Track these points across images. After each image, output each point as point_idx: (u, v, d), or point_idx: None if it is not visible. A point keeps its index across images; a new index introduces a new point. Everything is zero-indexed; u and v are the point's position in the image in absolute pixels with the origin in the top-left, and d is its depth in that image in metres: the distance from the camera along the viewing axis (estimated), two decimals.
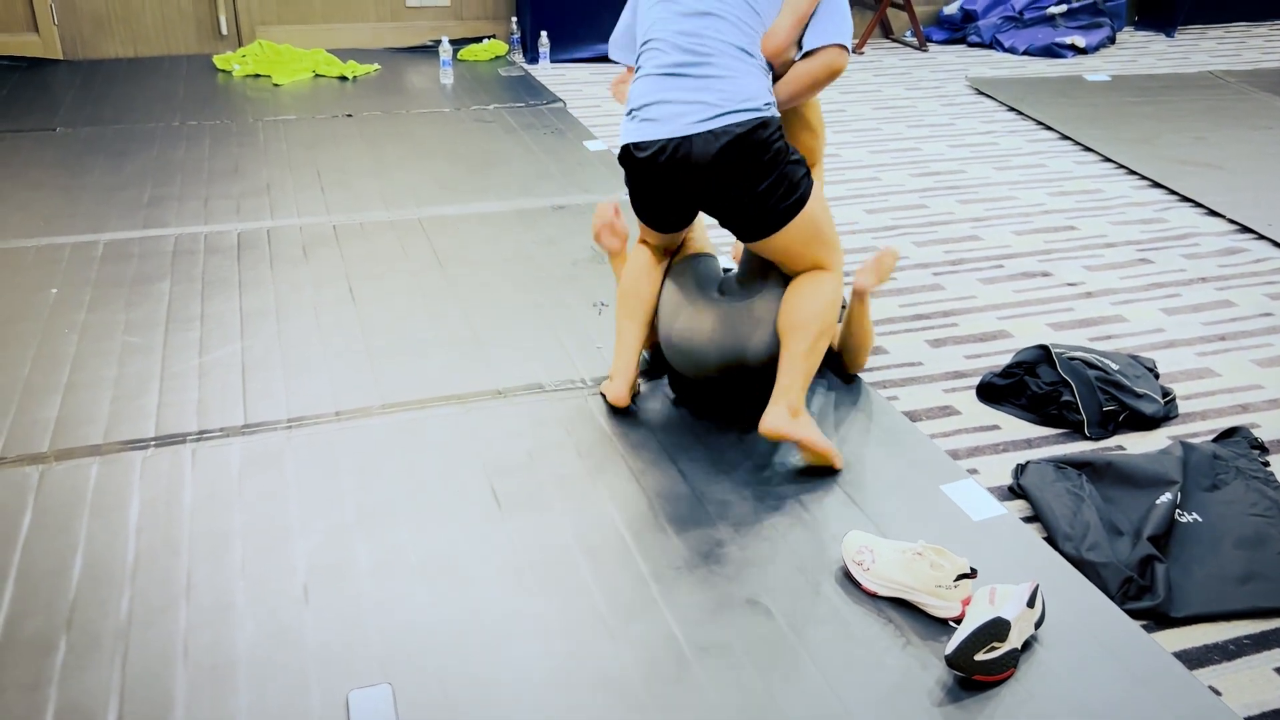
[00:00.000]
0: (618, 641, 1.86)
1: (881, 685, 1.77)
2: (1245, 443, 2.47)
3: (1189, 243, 3.77)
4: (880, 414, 2.58)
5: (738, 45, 2.26)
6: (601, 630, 1.88)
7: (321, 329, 2.95)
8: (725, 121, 2.19)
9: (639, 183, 2.40)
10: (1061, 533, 2.16)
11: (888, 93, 5.71)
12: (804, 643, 1.86)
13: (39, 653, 1.82)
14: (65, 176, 4.06)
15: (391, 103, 5.17)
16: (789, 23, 2.28)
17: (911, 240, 3.76)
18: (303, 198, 3.89)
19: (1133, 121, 5.13)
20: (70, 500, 2.21)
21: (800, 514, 2.20)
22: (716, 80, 2.23)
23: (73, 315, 2.99)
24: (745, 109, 2.20)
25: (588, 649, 1.84)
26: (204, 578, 2.01)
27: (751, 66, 2.27)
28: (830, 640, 1.87)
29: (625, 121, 2.35)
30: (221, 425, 2.48)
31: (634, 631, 1.88)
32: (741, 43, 2.27)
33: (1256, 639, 1.94)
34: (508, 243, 3.53)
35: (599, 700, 1.73)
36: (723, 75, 2.23)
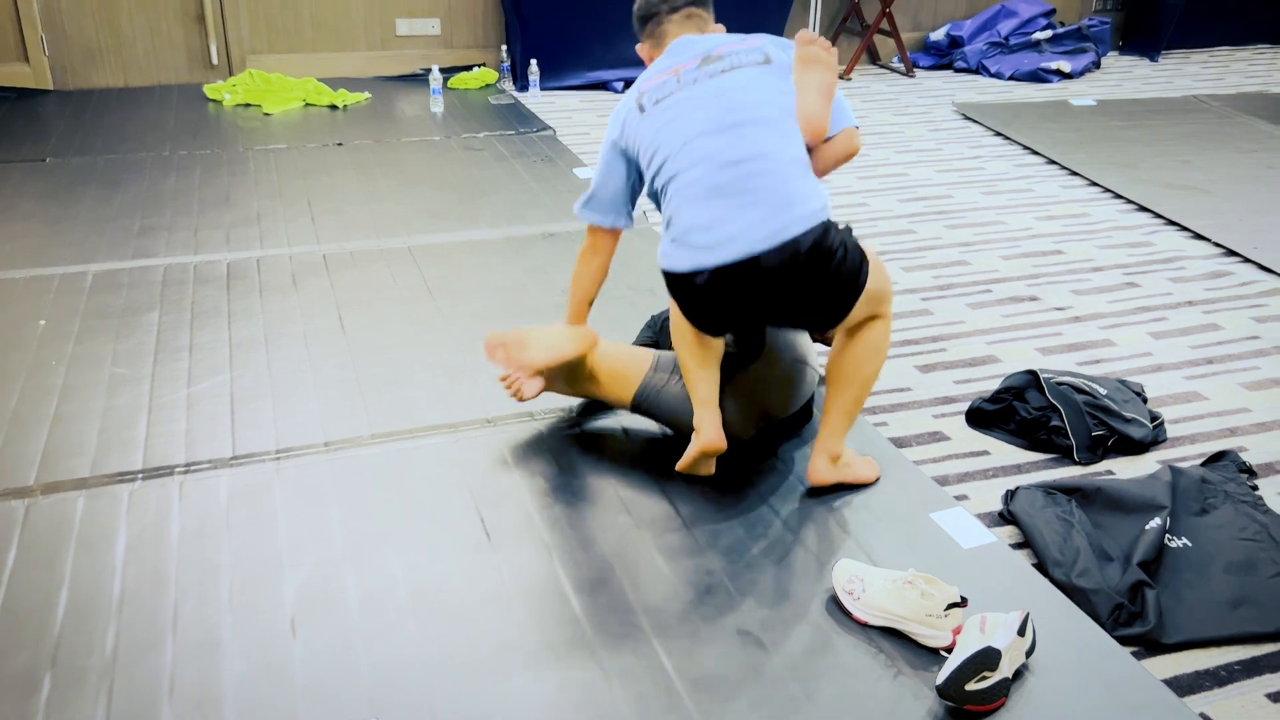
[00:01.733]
0: (608, 673, 1.85)
1: (873, 715, 1.76)
2: (1234, 466, 2.47)
3: (1175, 266, 3.79)
4: (869, 440, 2.58)
5: (781, 146, 2.17)
6: (591, 662, 1.87)
7: (311, 358, 2.95)
8: (793, 233, 2.06)
9: (694, 304, 2.21)
10: (1051, 559, 2.16)
11: (875, 118, 5.75)
12: (795, 673, 1.85)
13: (24, 690, 1.81)
14: (55, 207, 4.06)
15: (382, 131, 5.19)
16: (822, 102, 2.24)
17: (900, 265, 3.77)
18: (293, 227, 3.90)
19: (1119, 145, 5.18)
20: (56, 534, 2.20)
21: (790, 543, 2.20)
22: (772, 191, 2.10)
23: (61, 346, 2.98)
24: (808, 215, 2.09)
25: (577, 681, 1.83)
26: (191, 612, 1.99)
27: (799, 166, 2.17)
28: (821, 670, 1.86)
29: (669, 246, 2.18)
30: (210, 457, 2.47)
31: (624, 663, 1.87)
32: (784, 143, 2.17)
33: (1247, 665, 1.94)
34: (498, 271, 3.54)
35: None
36: (776, 185, 2.11)
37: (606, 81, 6.16)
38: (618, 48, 6.09)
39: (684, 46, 2.34)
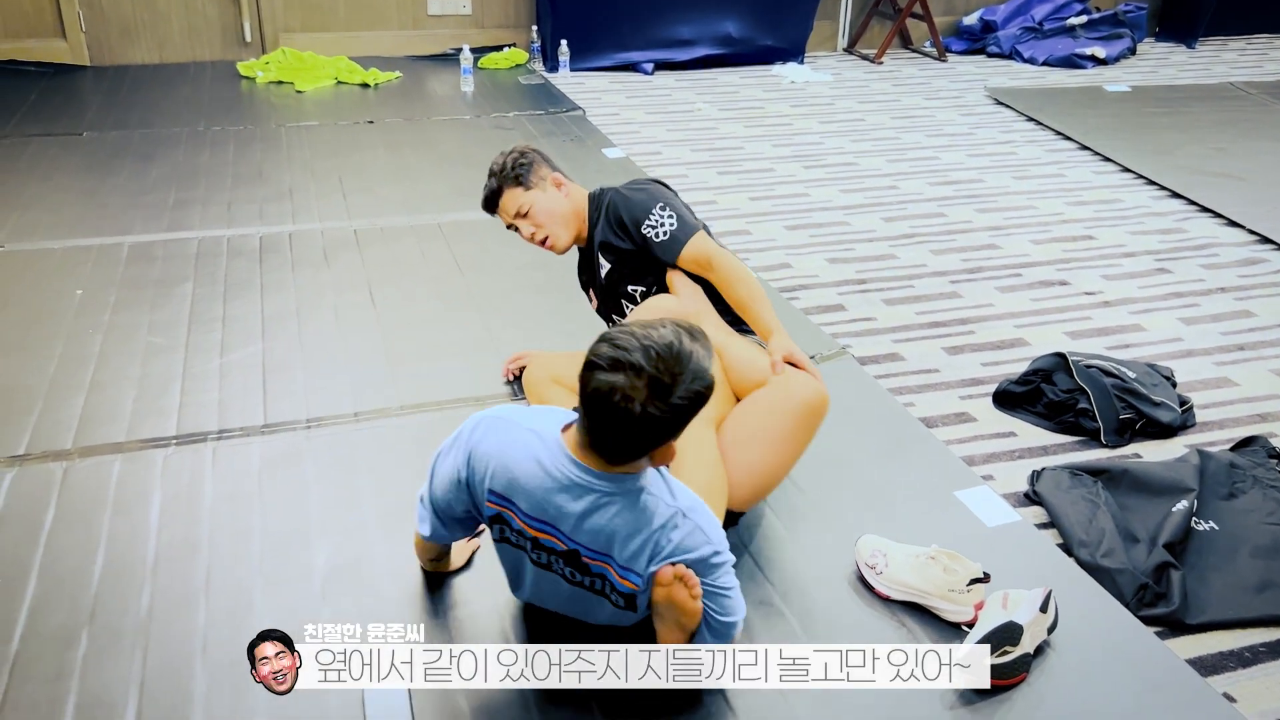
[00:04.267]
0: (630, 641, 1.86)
1: (894, 688, 1.77)
2: (1263, 452, 2.46)
3: (1208, 253, 3.76)
4: (896, 420, 2.58)
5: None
6: (616, 629, 1.89)
7: (341, 332, 2.98)
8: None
9: None
10: (1076, 539, 2.16)
11: (906, 102, 5.72)
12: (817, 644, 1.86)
13: (61, 646, 1.85)
14: (91, 180, 4.11)
15: (412, 110, 5.21)
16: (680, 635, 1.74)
17: (929, 248, 3.76)
18: (324, 203, 3.93)
19: (1153, 132, 5.12)
20: (93, 497, 2.25)
21: (814, 517, 2.21)
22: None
23: (97, 316, 3.03)
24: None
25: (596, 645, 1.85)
26: (223, 575, 2.03)
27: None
28: (843, 642, 1.86)
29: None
30: (242, 425, 2.51)
31: (648, 632, 1.89)
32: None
33: (1272, 647, 1.93)
34: (526, 249, 3.53)
35: (612, 701, 1.73)
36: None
37: (636, 63, 6.15)
38: (647, 29, 6.09)
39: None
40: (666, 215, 2.29)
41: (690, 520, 1.65)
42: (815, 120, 5.37)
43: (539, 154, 2.41)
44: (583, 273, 2.57)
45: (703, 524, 1.66)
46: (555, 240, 2.39)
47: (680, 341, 1.55)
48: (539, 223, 2.37)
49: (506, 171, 2.36)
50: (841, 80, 6.18)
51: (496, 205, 2.40)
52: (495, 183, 2.38)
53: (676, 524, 1.64)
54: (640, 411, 1.51)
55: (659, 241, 2.28)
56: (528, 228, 2.38)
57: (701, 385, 1.55)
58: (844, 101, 5.73)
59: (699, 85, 5.98)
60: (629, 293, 2.41)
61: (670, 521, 1.64)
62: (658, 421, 1.53)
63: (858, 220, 4.03)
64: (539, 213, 2.36)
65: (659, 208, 2.29)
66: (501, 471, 1.69)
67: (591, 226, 2.42)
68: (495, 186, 2.38)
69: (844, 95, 5.85)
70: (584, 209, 2.42)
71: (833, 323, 3.19)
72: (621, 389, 1.51)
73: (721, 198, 4.25)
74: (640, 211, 2.30)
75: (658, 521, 1.64)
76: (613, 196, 2.38)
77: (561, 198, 2.39)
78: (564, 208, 2.39)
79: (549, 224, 2.38)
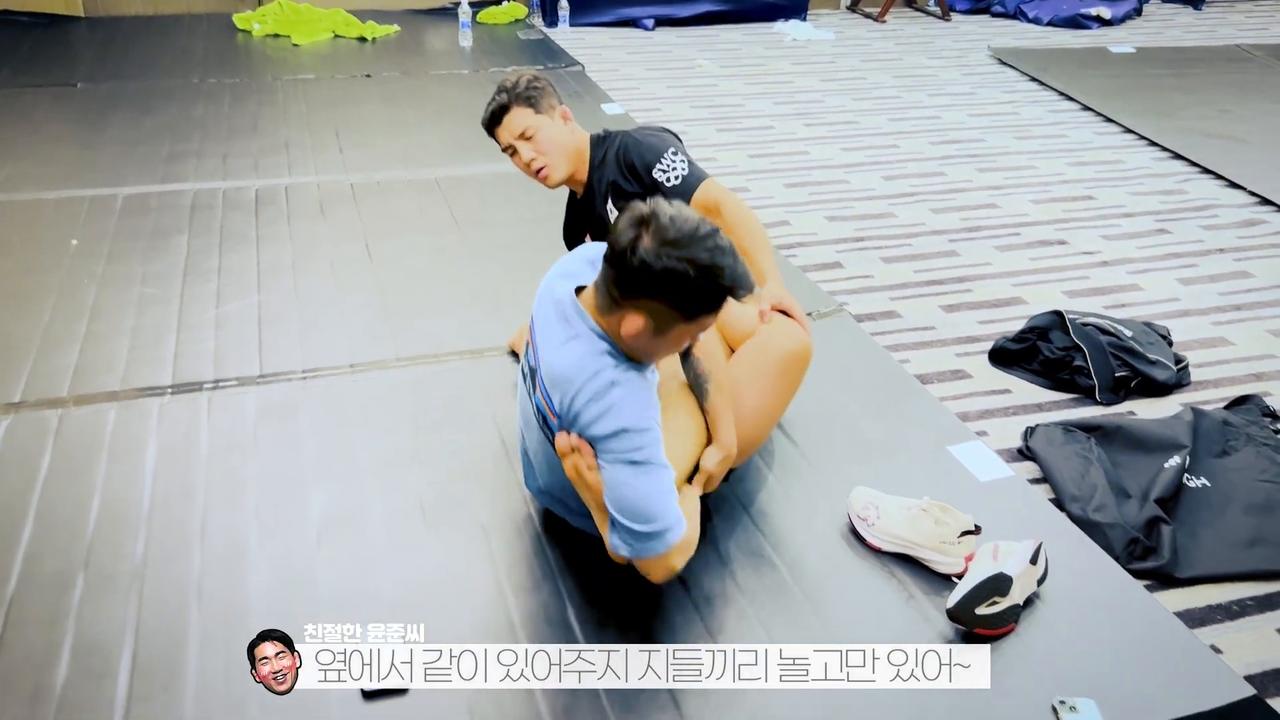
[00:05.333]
0: (629, 589, 1.87)
1: (884, 637, 1.78)
2: (1257, 410, 2.47)
3: (1208, 214, 3.74)
4: (891, 376, 2.58)
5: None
6: (607, 577, 1.90)
7: (338, 284, 2.97)
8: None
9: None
10: (1068, 494, 2.17)
11: (909, 61, 5.66)
12: (808, 596, 1.88)
13: (57, 590, 1.86)
14: (85, 131, 4.08)
15: (410, 64, 5.16)
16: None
17: (929, 207, 3.74)
18: (321, 156, 3.91)
19: (1156, 93, 5.08)
20: (88, 444, 2.25)
21: (806, 469, 2.22)
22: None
23: (92, 266, 3.02)
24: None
25: (599, 595, 1.86)
26: (218, 522, 2.04)
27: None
28: (834, 593, 1.88)
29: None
30: (237, 375, 2.51)
31: (640, 580, 1.90)
32: None
33: (1260, 600, 1.95)
34: (524, 204, 3.54)
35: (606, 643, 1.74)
36: None
37: (636, 18, 6.09)
38: None
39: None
40: (679, 160, 2.26)
41: (611, 394, 1.63)
42: (816, 78, 5.32)
43: (550, 84, 2.34)
44: (572, 219, 2.53)
45: (621, 402, 1.63)
46: (551, 171, 2.32)
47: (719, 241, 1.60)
48: (541, 149, 2.29)
49: (519, 90, 2.28)
50: (844, 38, 6.12)
51: (500, 122, 2.30)
52: (505, 98, 2.28)
53: (595, 391, 1.63)
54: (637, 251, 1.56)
55: (670, 185, 2.24)
56: (528, 152, 2.30)
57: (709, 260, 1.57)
58: (846, 60, 5.68)
59: (700, 42, 5.92)
60: None
61: (594, 383, 1.63)
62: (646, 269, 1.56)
63: (857, 178, 4.00)
64: (543, 139, 2.28)
65: (670, 152, 2.26)
66: (537, 306, 1.82)
67: (592, 169, 2.37)
68: (504, 102, 2.28)
69: (846, 53, 5.80)
70: (585, 150, 2.37)
71: (830, 280, 3.19)
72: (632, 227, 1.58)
73: (721, 155, 4.22)
74: (652, 155, 2.26)
75: (584, 376, 1.64)
76: (623, 139, 2.33)
77: (566, 131, 2.33)
78: (568, 140, 2.33)
79: (550, 152, 2.30)
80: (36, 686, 1.66)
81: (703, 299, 1.61)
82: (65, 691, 1.66)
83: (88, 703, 1.64)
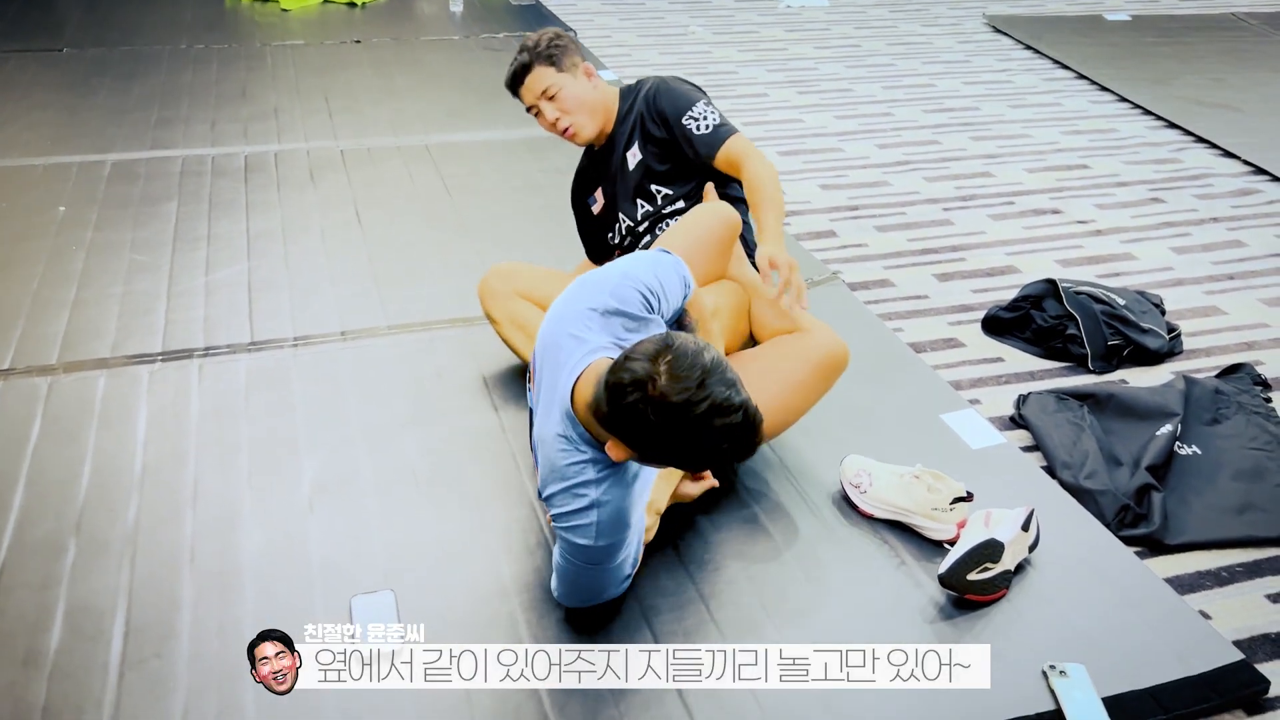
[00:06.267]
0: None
1: (876, 603, 1.80)
2: (1248, 379, 2.47)
3: (1202, 183, 3.73)
4: (885, 345, 2.58)
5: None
6: None
7: (328, 251, 2.95)
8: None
9: None
10: (1060, 461, 2.18)
11: (903, 29, 5.63)
12: (800, 562, 1.88)
13: (49, 555, 1.86)
14: (71, 97, 4.04)
15: (400, 30, 5.11)
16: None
17: (922, 175, 3.73)
18: (310, 123, 3.87)
19: (1151, 62, 5.05)
20: (78, 410, 2.24)
21: (800, 437, 2.21)
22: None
23: (80, 233, 3.00)
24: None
25: None
26: (210, 488, 2.03)
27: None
28: (826, 560, 1.89)
29: None
30: (228, 342, 2.50)
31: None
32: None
33: (1249, 567, 1.96)
34: (516, 172, 3.51)
35: (596, 610, 1.75)
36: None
37: None
38: None
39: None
40: (710, 110, 2.22)
41: (589, 514, 1.60)
42: (810, 45, 5.28)
43: (574, 40, 2.30)
44: (588, 170, 2.44)
45: (599, 523, 1.60)
46: (578, 129, 2.26)
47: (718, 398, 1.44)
48: (566, 108, 2.24)
49: (540, 48, 2.23)
50: (838, 5, 6.06)
51: (523, 82, 2.25)
52: (527, 57, 2.23)
53: (575, 507, 1.60)
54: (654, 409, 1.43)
55: (700, 135, 2.19)
56: (552, 112, 2.25)
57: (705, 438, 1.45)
58: (840, 27, 5.64)
59: (693, 8, 5.87)
60: (651, 192, 2.30)
61: (575, 501, 1.60)
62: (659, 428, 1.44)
63: (851, 147, 3.99)
64: (567, 97, 2.23)
65: (703, 102, 2.23)
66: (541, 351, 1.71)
67: (619, 122, 2.31)
68: (526, 61, 2.23)
69: (840, 20, 5.75)
70: (613, 105, 2.31)
71: (824, 248, 3.18)
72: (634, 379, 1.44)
73: None
74: (685, 102, 2.22)
75: (565, 484, 1.61)
76: (656, 84, 2.28)
77: (590, 87, 2.28)
78: (593, 97, 2.27)
79: (576, 111, 2.25)
80: (29, 650, 1.66)
81: (695, 463, 1.58)
82: (58, 655, 1.66)
83: (81, 666, 1.64)
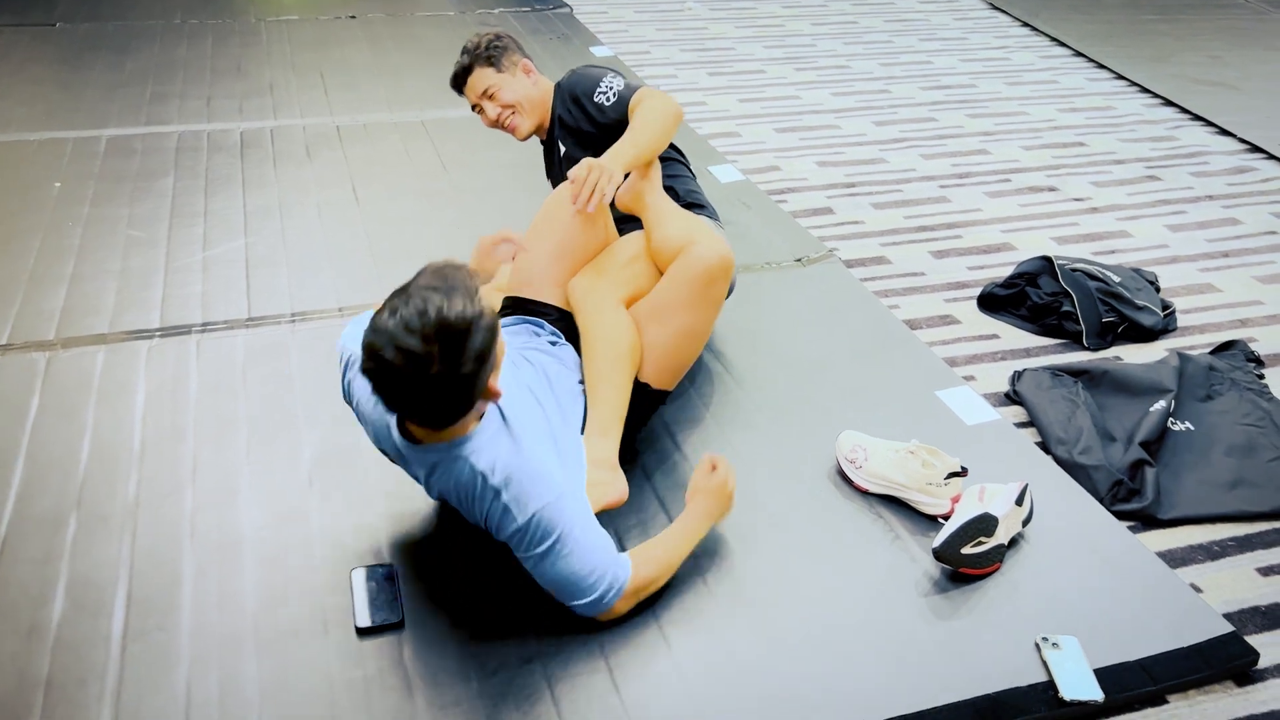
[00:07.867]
0: (616, 532, 1.90)
1: (871, 577, 1.81)
2: (1242, 355, 2.49)
3: (1198, 161, 3.74)
4: (880, 322, 2.59)
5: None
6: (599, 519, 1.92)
7: (325, 227, 2.95)
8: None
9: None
10: (1054, 437, 2.19)
11: (901, 6, 5.60)
12: (795, 536, 1.90)
13: (50, 529, 1.87)
14: (66, 72, 4.02)
15: (395, 5, 5.08)
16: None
17: (919, 153, 3.73)
18: (306, 98, 3.86)
19: (1149, 39, 5.05)
20: (77, 386, 2.24)
21: (795, 413, 2.23)
22: None
23: (77, 209, 2.99)
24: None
25: None
26: (210, 462, 2.04)
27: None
28: (821, 534, 1.91)
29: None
30: (226, 317, 2.50)
31: (629, 523, 1.92)
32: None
33: (1240, 541, 1.98)
34: (512, 147, 3.50)
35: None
36: None
37: None
38: None
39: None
40: (616, 80, 2.33)
41: (503, 497, 1.60)
42: (807, 22, 5.26)
43: (513, 40, 2.45)
44: (546, 167, 2.59)
45: (516, 496, 1.60)
46: (517, 125, 2.42)
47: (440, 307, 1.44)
48: (505, 105, 2.40)
49: (480, 51, 2.39)
50: None
51: (465, 83, 2.42)
52: (467, 60, 2.40)
53: (491, 505, 1.62)
54: (439, 376, 1.45)
55: (611, 103, 2.29)
56: (493, 109, 2.41)
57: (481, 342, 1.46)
58: (837, 3, 5.61)
59: None
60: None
61: (487, 498, 1.62)
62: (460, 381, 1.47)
63: (848, 124, 3.98)
64: (506, 96, 2.39)
65: (609, 76, 2.34)
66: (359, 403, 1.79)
67: (553, 117, 2.45)
68: (466, 64, 2.40)
69: None
70: (549, 99, 2.45)
71: (821, 226, 3.18)
72: (409, 365, 1.44)
73: (711, 99, 4.19)
74: (590, 83, 2.34)
75: (477, 496, 1.63)
76: (566, 77, 2.42)
77: (529, 84, 2.42)
78: (530, 94, 2.42)
79: (515, 109, 2.41)
80: (32, 623, 1.68)
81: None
82: (61, 628, 1.67)
83: (83, 639, 1.65)
